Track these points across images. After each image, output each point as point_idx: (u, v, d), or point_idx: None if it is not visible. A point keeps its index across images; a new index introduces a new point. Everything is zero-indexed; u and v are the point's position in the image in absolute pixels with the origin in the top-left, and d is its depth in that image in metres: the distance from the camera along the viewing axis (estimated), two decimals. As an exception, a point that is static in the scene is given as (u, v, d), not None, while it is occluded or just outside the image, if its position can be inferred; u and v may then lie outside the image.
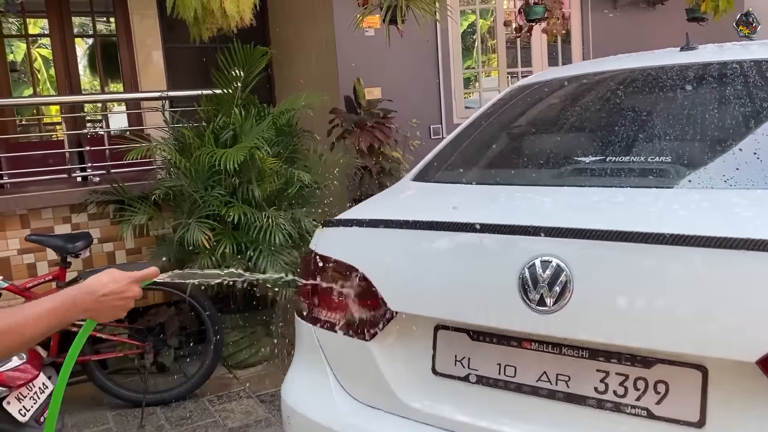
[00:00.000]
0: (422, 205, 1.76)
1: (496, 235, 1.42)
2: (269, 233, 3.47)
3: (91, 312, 1.31)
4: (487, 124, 2.32)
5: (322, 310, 1.72)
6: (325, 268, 1.73)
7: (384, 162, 5.27)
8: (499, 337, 1.45)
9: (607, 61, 2.51)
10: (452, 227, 1.49)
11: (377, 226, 1.63)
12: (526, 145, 2.09)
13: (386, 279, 1.59)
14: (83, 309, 1.28)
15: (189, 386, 3.56)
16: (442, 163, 2.14)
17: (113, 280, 1.31)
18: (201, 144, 3.62)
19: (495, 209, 1.59)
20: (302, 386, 1.79)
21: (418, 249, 1.55)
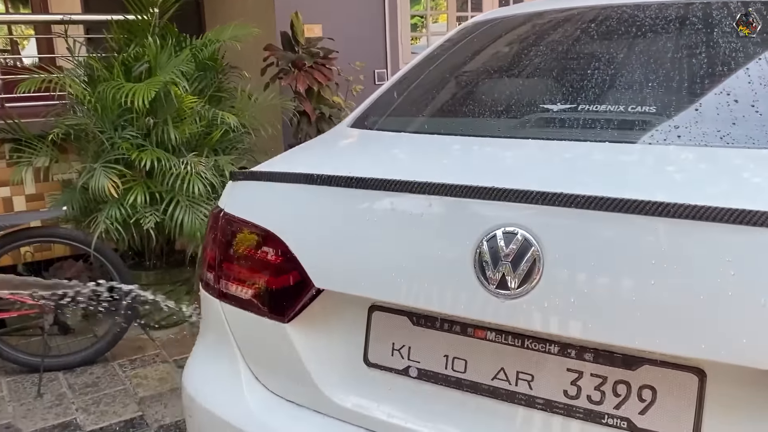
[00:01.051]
0: (359, 158, 1.44)
1: (447, 198, 1.12)
2: (188, 182, 3.08)
3: None
4: (437, 65, 1.99)
5: (231, 283, 1.40)
6: (235, 232, 1.40)
7: (324, 107, 4.88)
8: (448, 323, 1.17)
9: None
10: (394, 186, 1.18)
11: (302, 182, 1.31)
12: (483, 89, 1.78)
13: (310, 248, 1.27)
14: None
15: (96, 349, 3.18)
16: (385, 108, 1.81)
17: None
18: (110, 76, 3.15)
19: (447, 166, 1.29)
20: (206, 373, 1.47)
21: (351, 212, 1.24)
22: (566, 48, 1.74)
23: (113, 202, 3.04)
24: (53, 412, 2.77)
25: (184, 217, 3.11)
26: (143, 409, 2.78)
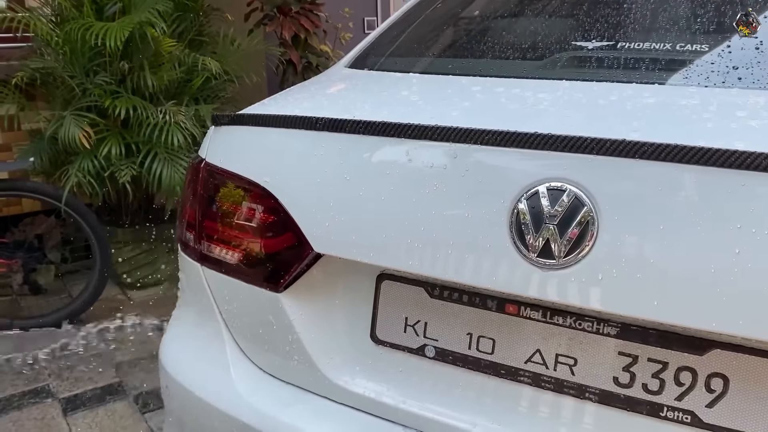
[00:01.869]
0: (364, 101, 1.23)
1: (476, 147, 0.93)
2: (166, 132, 2.85)
3: None
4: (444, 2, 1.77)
5: (214, 245, 1.20)
6: (218, 185, 1.19)
7: (311, 56, 4.60)
8: (474, 296, 0.98)
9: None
10: (411, 132, 0.98)
11: (298, 127, 1.10)
12: (502, 26, 1.56)
13: (308, 206, 1.08)
14: None
15: (72, 310, 2.99)
16: (388, 46, 1.60)
17: None
18: (79, 16, 2.87)
19: (471, 109, 1.08)
20: (186, 348, 1.29)
21: (358, 163, 1.04)
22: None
23: (85, 154, 2.81)
24: (23, 378, 2.59)
25: (163, 171, 2.89)
26: (121, 376, 2.60)
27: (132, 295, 3.33)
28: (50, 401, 2.44)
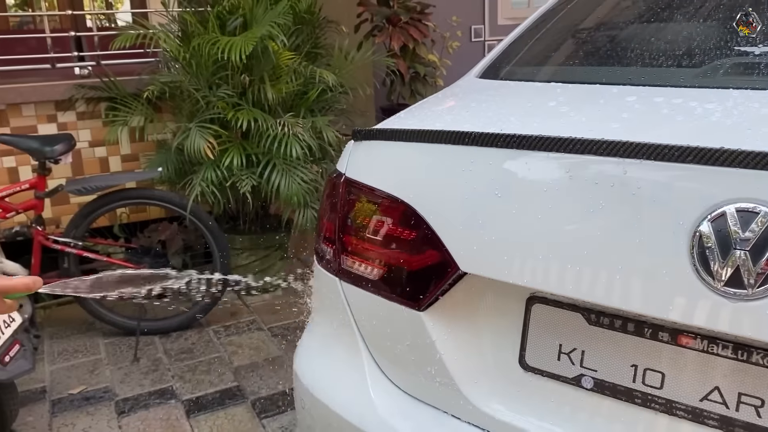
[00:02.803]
0: (508, 112, 1.18)
1: (649, 163, 0.85)
2: (285, 144, 2.91)
3: None
4: (581, 4, 1.69)
5: (354, 260, 1.18)
6: (359, 200, 1.18)
7: (418, 66, 4.60)
8: (641, 325, 0.91)
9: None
10: (570, 147, 0.91)
11: (441, 141, 1.06)
12: (648, 31, 1.46)
13: (453, 223, 1.04)
14: None
15: (192, 314, 3.12)
16: (522, 55, 1.54)
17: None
18: (204, 31, 3.00)
19: (632, 120, 1.01)
20: (323, 362, 1.28)
21: (508, 179, 0.99)
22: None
23: (209, 164, 2.92)
24: (150, 378, 2.71)
25: (281, 181, 2.96)
26: (239, 380, 2.67)
27: (247, 300, 3.43)
28: (174, 402, 2.54)
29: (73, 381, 2.71)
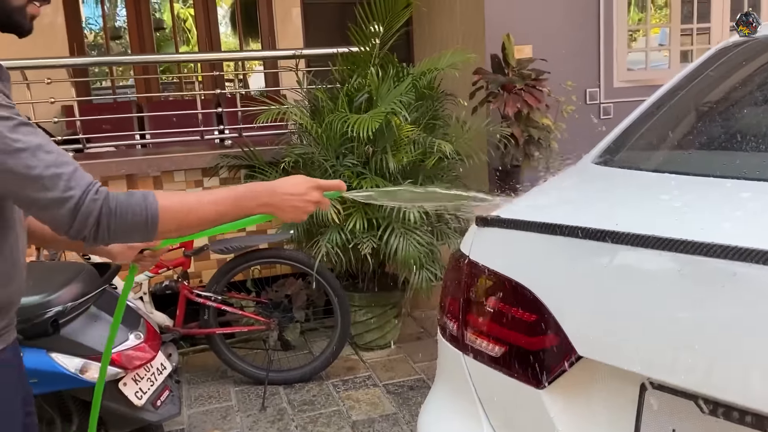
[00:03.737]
0: (622, 206, 1.28)
1: (756, 266, 0.93)
2: (403, 210, 3.10)
3: (269, 207, 1.32)
4: (697, 92, 1.76)
5: (477, 336, 1.31)
6: (481, 282, 1.31)
7: (532, 130, 4.70)
8: (759, 417, 0.96)
9: None
10: (683, 248, 1.00)
11: (560, 234, 1.18)
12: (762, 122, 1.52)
13: (571, 308, 1.14)
14: (262, 202, 1.31)
15: (314, 367, 3.33)
16: (637, 141, 1.63)
17: (296, 183, 1.33)
18: (334, 107, 3.29)
19: (745, 221, 1.08)
20: (446, 426, 1.40)
21: (623, 273, 1.09)
22: None
23: (334, 227, 3.16)
24: (275, 427, 2.92)
25: (399, 244, 3.14)
26: (357, 434, 2.82)
27: (363, 356, 3.60)
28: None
29: (208, 425, 2.96)
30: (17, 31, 1.22)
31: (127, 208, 1.15)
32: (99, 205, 1.13)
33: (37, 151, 1.08)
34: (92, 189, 1.13)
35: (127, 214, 1.15)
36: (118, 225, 1.15)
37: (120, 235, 1.17)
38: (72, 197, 1.10)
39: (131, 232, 1.17)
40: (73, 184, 1.11)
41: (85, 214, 1.11)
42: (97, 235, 1.14)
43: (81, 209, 1.11)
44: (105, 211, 1.13)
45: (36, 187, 1.08)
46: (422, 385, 3.24)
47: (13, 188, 1.10)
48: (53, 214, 1.11)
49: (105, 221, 1.13)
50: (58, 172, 1.10)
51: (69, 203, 1.10)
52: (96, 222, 1.13)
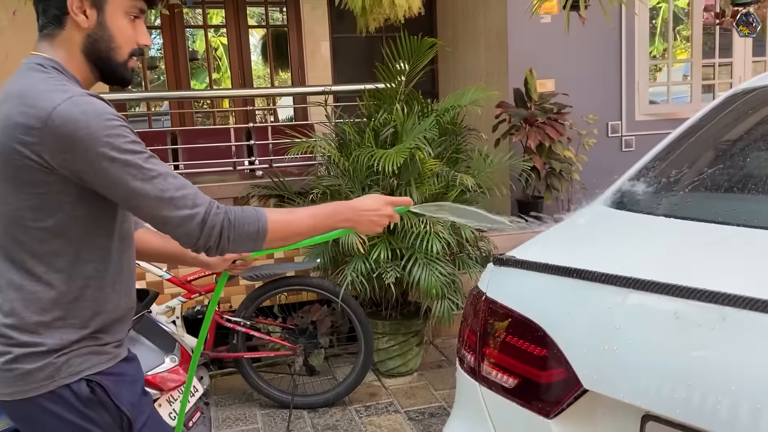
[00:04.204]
0: (629, 251, 1.38)
1: (748, 312, 1.02)
2: (426, 240, 3.22)
3: (350, 222, 1.51)
4: (708, 136, 1.86)
5: (492, 369, 1.41)
6: (497, 318, 1.42)
7: (554, 162, 4.81)
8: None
9: None
10: (679, 293, 1.11)
11: (570, 276, 1.29)
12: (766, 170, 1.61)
13: (578, 345, 1.25)
14: (345, 218, 1.50)
15: (338, 392, 3.43)
16: (648, 185, 1.73)
17: (372, 200, 1.53)
18: (361, 141, 3.44)
19: (738, 271, 1.18)
20: (462, 453, 1.50)
21: (626, 314, 1.19)
22: None
23: (359, 257, 3.29)
24: (300, 450, 3.02)
25: (421, 275, 3.25)
26: (378, 459, 2.90)
27: (386, 382, 3.70)
28: (320, 474, 2.81)
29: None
30: (122, 82, 1.40)
31: (243, 220, 1.32)
32: (221, 219, 1.29)
33: (168, 176, 1.26)
34: (214, 205, 1.30)
35: (243, 225, 1.31)
36: (236, 235, 1.31)
37: (236, 245, 1.33)
38: (199, 213, 1.27)
39: (245, 241, 1.33)
40: (199, 201, 1.27)
41: (210, 227, 1.28)
42: (219, 245, 1.30)
43: (207, 223, 1.27)
44: (226, 224, 1.29)
45: (170, 208, 1.25)
46: (442, 412, 3.32)
47: (150, 211, 1.26)
48: (185, 230, 1.27)
49: (226, 233, 1.29)
50: (186, 193, 1.26)
51: (197, 219, 1.27)
52: (219, 233, 1.29)
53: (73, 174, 1.23)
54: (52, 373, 1.28)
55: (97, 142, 1.20)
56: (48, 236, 1.27)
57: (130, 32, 1.35)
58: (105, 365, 1.34)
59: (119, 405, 1.32)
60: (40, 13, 1.32)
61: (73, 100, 1.21)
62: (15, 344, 1.28)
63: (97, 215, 1.30)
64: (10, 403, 1.30)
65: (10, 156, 1.22)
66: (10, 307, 1.28)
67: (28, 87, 1.24)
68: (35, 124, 1.19)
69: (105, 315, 1.35)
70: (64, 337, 1.29)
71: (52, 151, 1.20)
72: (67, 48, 1.32)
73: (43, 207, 1.25)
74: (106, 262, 1.34)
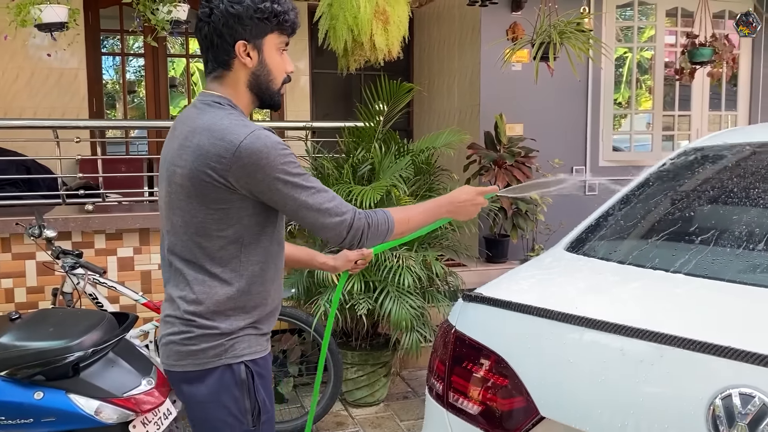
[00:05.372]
0: (584, 294, 1.55)
1: (681, 350, 1.19)
2: (398, 274, 3.36)
3: (451, 213, 1.80)
4: (660, 190, 2.05)
5: (459, 396, 1.55)
6: (465, 350, 1.56)
7: (520, 203, 5.03)
8: (675, 472, 1.20)
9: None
10: (625, 332, 1.27)
11: (532, 314, 1.44)
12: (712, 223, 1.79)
13: (536, 377, 1.39)
14: (446, 211, 1.78)
15: (305, 421, 3.50)
16: (604, 233, 1.90)
17: (465, 192, 1.80)
18: (339, 176, 3.59)
19: (679, 313, 1.35)
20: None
21: (578, 350, 1.34)
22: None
23: (333, 288, 3.40)
24: (268, 475, 3.08)
25: (393, 307, 3.38)
26: (344, 486, 2.99)
27: (353, 412, 3.78)
28: (287, 499, 2.88)
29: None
30: (274, 107, 1.68)
31: (377, 222, 1.60)
32: (363, 223, 1.57)
33: (322, 191, 1.53)
34: (356, 212, 1.57)
35: (378, 226, 1.60)
36: (372, 234, 1.59)
37: (371, 241, 1.61)
38: (346, 219, 1.54)
39: (378, 238, 1.62)
40: (344, 209, 1.55)
41: (356, 229, 1.55)
42: (360, 242, 1.57)
43: (354, 225, 1.55)
44: (365, 227, 1.57)
45: (326, 216, 1.52)
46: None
47: (312, 219, 1.53)
48: (336, 232, 1.54)
49: (366, 233, 1.57)
50: (336, 204, 1.54)
51: (345, 224, 1.54)
52: (361, 234, 1.56)
53: (251, 193, 1.49)
54: (220, 353, 1.54)
55: (275, 169, 1.46)
56: (226, 243, 1.53)
57: (281, 64, 1.62)
58: (260, 354, 1.60)
59: (257, 395, 1.57)
60: (210, 60, 1.58)
61: (255, 134, 1.47)
62: (195, 326, 1.54)
63: (263, 224, 1.56)
64: (179, 373, 1.57)
65: (201, 179, 1.48)
66: (194, 297, 1.54)
67: (214, 122, 1.50)
68: (225, 154, 1.45)
69: (264, 307, 1.60)
70: (234, 324, 1.55)
71: (237, 176, 1.46)
72: (234, 86, 1.58)
73: (225, 219, 1.51)
74: (268, 262, 1.59)
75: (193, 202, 1.51)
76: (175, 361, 1.58)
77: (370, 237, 1.58)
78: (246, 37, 1.54)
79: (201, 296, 1.54)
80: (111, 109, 9.02)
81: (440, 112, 6.06)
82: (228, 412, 1.55)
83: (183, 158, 1.51)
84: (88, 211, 3.88)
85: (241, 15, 1.52)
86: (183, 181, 1.51)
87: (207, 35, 1.56)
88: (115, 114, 8.46)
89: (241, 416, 1.56)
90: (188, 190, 1.50)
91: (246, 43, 1.54)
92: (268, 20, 1.55)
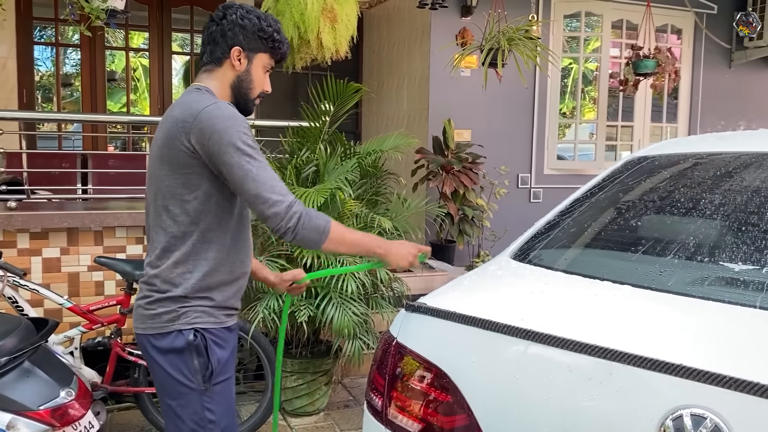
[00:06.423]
0: (531, 305, 1.47)
1: (630, 368, 1.13)
2: (342, 280, 3.25)
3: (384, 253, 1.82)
4: (607, 198, 2.02)
5: (399, 413, 1.46)
6: (407, 364, 1.47)
7: (467, 209, 5.00)
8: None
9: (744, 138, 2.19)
10: (573, 347, 1.20)
11: (476, 326, 1.36)
12: (658, 233, 1.76)
13: (480, 393, 1.31)
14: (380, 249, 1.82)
15: (241, 430, 3.35)
16: (549, 241, 1.85)
17: (406, 245, 1.87)
18: (282, 177, 3.46)
19: (625, 327, 1.29)
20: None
21: (525, 364, 1.27)
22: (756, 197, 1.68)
23: (272, 294, 3.27)
24: (199, 491, 2.92)
25: (335, 314, 3.27)
26: (280, 501, 2.86)
27: (291, 421, 3.65)
28: None
29: (130, 486, 2.94)
30: (247, 113, 1.80)
31: (315, 215, 1.68)
32: (303, 209, 1.66)
33: (270, 171, 1.64)
34: (296, 199, 1.66)
35: (315, 219, 1.67)
36: (309, 224, 1.65)
37: (305, 234, 1.66)
38: (287, 200, 1.63)
39: (311, 234, 1.67)
40: (287, 192, 1.65)
41: (293, 212, 1.63)
42: (295, 228, 1.63)
43: (292, 208, 1.63)
44: (303, 213, 1.65)
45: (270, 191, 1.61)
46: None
47: (256, 191, 1.60)
48: (276, 210, 1.62)
49: (303, 219, 1.65)
50: (281, 185, 1.65)
51: (285, 203, 1.63)
52: (298, 218, 1.64)
53: (207, 157, 1.61)
54: (173, 318, 1.68)
55: (230, 136, 1.59)
56: (190, 209, 1.66)
57: (262, 80, 1.83)
58: (213, 325, 1.71)
59: (210, 356, 1.69)
60: (207, 53, 1.79)
61: (218, 104, 1.65)
62: (155, 290, 1.70)
63: (224, 197, 1.69)
64: (143, 336, 1.73)
65: (171, 144, 1.65)
66: (156, 263, 1.71)
67: (190, 99, 1.70)
68: (189, 119, 1.63)
69: (218, 275, 1.71)
70: (184, 290, 1.68)
71: (197, 137, 1.61)
72: (220, 81, 1.78)
73: (187, 184, 1.65)
74: (226, 233, 1.72)
75: (164, 168, 1.67)
76: (140, 323, 1.74)
77: (305, 226, 1.65)
78: (243, 45, 1.77)
79: (159, 262, 1.70)
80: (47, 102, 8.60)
81: (389, 115, 5.99)
82: (179, 371, 1.69)
83: (161, 130, 1.70)
84: (10, 208, 3.62)
85: (247, 27, 1.77)
86: (160, 151, 1.68)
87: (212, 33, 1.78)
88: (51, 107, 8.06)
89: (191, 375, 1.68)
90: (162, 158, 1.67)
91: (241, 50, 1.77)
92: (266, 41, 1.80)
